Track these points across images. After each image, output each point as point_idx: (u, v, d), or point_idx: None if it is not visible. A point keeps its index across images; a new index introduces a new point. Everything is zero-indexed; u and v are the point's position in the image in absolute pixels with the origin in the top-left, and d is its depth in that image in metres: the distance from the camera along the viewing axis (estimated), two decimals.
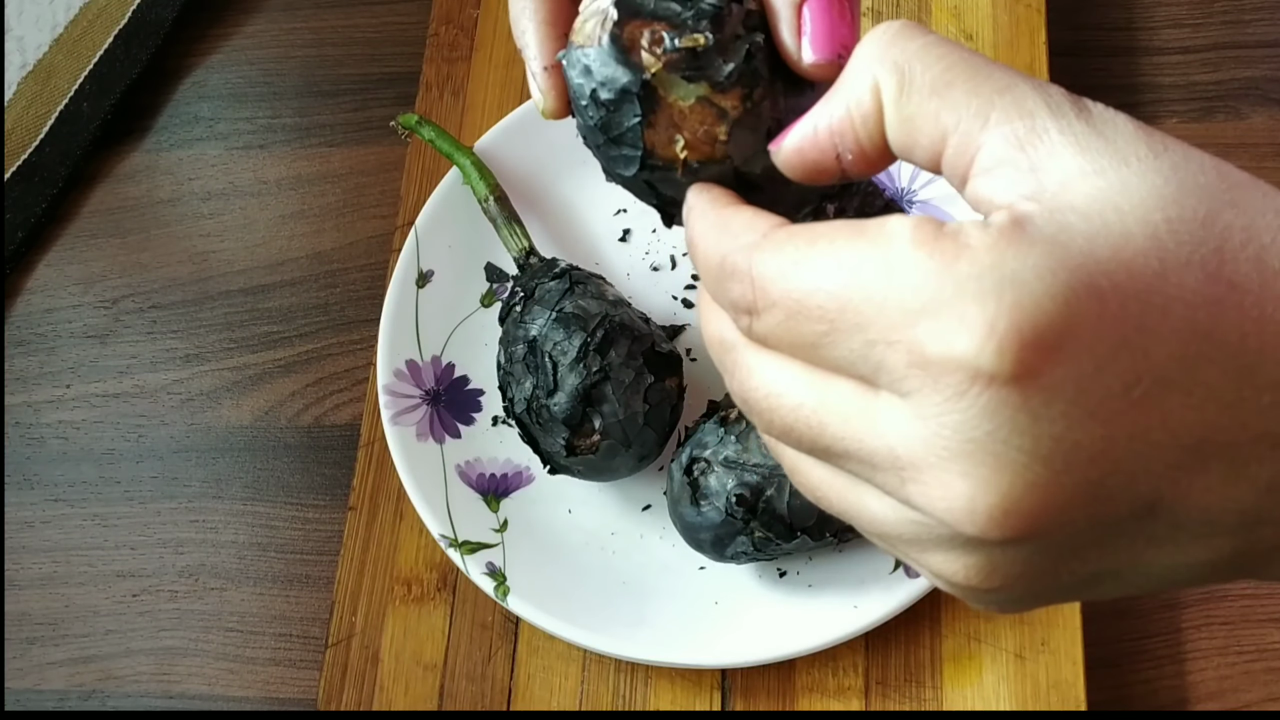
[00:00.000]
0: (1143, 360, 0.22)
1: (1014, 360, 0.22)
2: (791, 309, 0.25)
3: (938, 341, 0.23)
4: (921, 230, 0.23)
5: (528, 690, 0.53)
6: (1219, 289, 0.23)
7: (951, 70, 0.25)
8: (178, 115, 0.71)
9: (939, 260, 0.23)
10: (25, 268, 0.68)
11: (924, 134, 0.25)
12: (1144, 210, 0.23)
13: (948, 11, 0.64)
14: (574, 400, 0.50)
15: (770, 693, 0.52)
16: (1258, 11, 0.65)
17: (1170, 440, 0.23)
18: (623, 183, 0.32)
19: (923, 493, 0.24)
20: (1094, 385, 0.22)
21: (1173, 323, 0.23)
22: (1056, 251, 0.22)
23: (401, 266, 0.59)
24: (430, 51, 0.68)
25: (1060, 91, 0.25)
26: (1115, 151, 0.24)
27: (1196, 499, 0.24)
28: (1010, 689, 0.50)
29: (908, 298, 0.23)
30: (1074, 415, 0.22)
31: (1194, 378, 0.23)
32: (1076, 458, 0.23)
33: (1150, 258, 0.23)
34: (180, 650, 0.58)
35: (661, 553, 0.54)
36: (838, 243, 0.24)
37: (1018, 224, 0.23)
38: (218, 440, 0.62)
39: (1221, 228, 0.23)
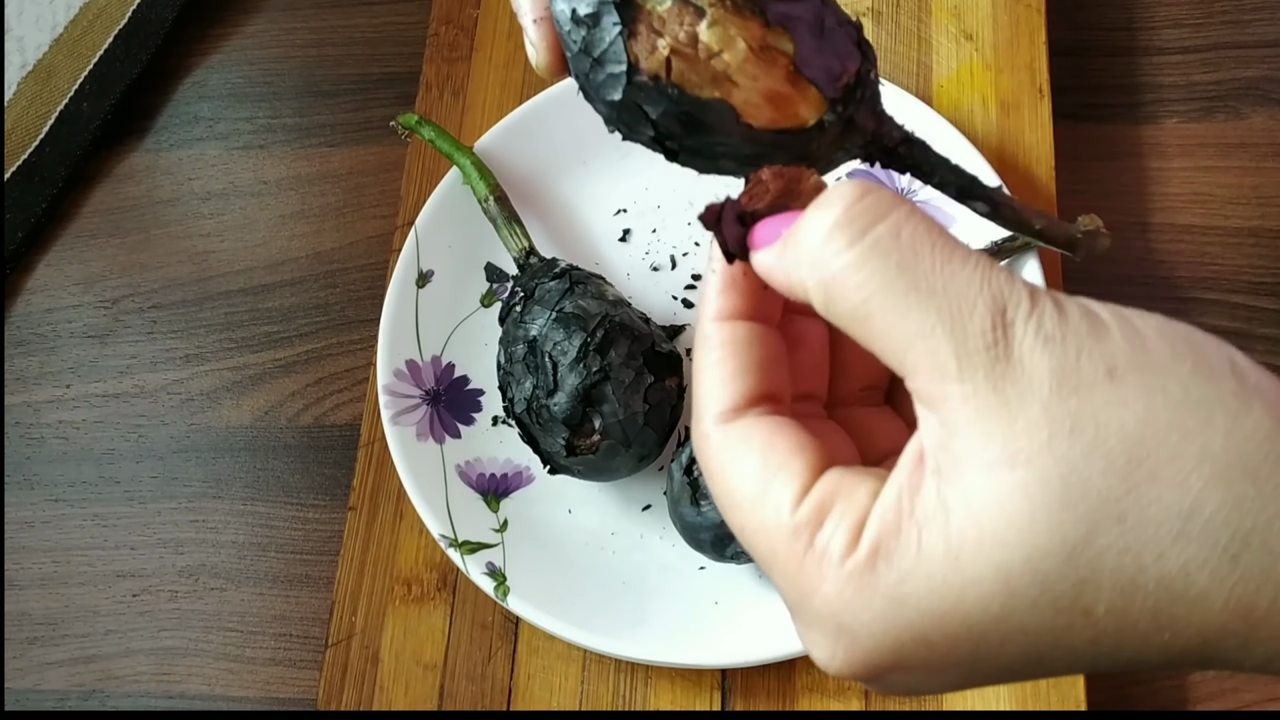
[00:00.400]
0: (977, 671, 0.25)
1: (851, 677, 0.26)
2: (724, 515, 0.29)
3: (801, 634, 0.27)
4: (797, 540, 0.26)
5: (528, 690, 0.53)
6: (1070, 618, 0.23)
7: (869, 302, 0.25)
8: (178, 115, 0.71)
9: (803, 581, 0.26)
10: (25, 268, 0.68)
11: (854, 343, 0.26)
12: (1007, 548, 0.23)
13: (948, 12, 0.64)
14: (574, 400, 0.50)
15: (770, 693, 0.52)
16: (1258, 11, 0.65)
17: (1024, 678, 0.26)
18: (616, 115, 0.32)
19: (803, 632, 0.28)
20: (930, 681, 0.26)
21: (1009, 650, 0.24)
22: (891, 611, 0.25)
23: (401, 266, 0.59)
24: (430, 51, 0.68)
25: (982, 329, 0.24)
26: (1011, 441, 0.23)
27: None
28: (1010, 689, 0.50)
29: (783, 585, 0.27)
30: (915, 688, 0.27)
31: (1038, 669, 0.25)
32: (923, 692, 0.27)
33: (992, 605, 0.24)
34: (180, 650, 0.58)
35: (661, 553, 0.54)
36: (748, 488, 0.27)
37: (871, 563, 0.25)
38: (218, 440, 0.62)
39: (1093, 555, 0.23)
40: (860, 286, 0.25)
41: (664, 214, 0.61)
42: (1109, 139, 0.63)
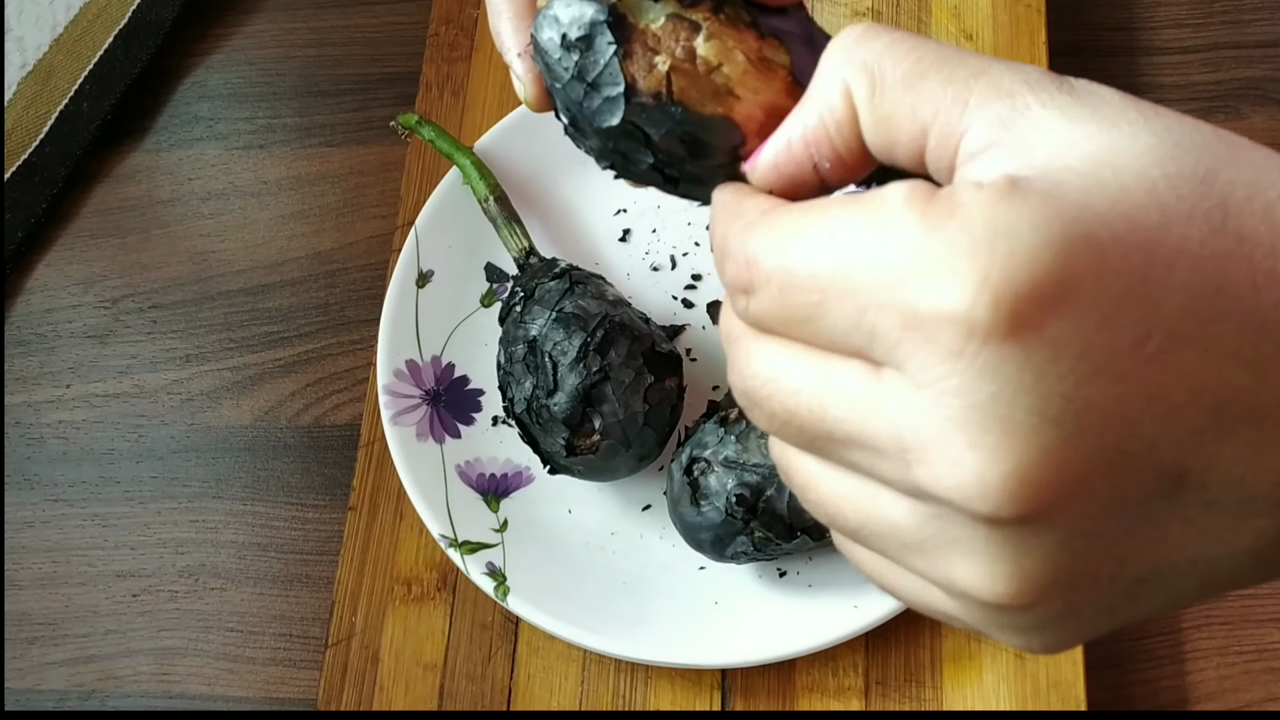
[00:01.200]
0: (1151, 314, 0.21)
1: (1011, 312, 0.21)
2: (784, 282, 0.24)
3: (929, 298, 0.21)
4: (915, 192, 0.23)
5: (528, 690, 0.53)
6: (1226, 242, 0.22)
7: (922, 62, 0.25)
8: (178, 115, 0.71)
9: (932, 219, 0.22)
10: (25, 268, 0.68)
11: (903, 130, 0.25)
12: (1140, 166, 0.22)
13: (948, 11, 0.64)
14: (574, 400, 0.50)
15: (770, 693, 0.52)
16: (1258, 11, 0.65)
17: (1190, 401, 0.22)
18: (612, 144, 0.31)
19: (930, 473, 0.22)
20: (1102, 339, 0.21)
21: (1180, 275, 0.21)
22: (1051, 203, 0.22)
23: (401, 266, 0.59)
24: (430, 51, 0.68)
25: (1038, 69, 0.24)
26: (1103, 118, 0.23)
27: (1226, 469, 0.22)
28: (1010, 689, 0.50)
29: (899, 258, 0.22)
30: (1083, 371, 0.21)
31: (1209, 334, 0.21)
32: (1090, 418, 0.21)
33: (1150, 210, 0.22)
34: (180, 650, 0.58)
35: (661, 553, 0.54)
36: (831, 211, 0.24)
37: (1012, 182, 0.22)
38: (218, 440, 0.62)
39: (1223, 183, 0.22)
40: (911, 51, 0.25)
41: (664, 214, 0.61)
42: None
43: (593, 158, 0.32)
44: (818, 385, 0.24)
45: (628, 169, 0.31)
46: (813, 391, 0.24)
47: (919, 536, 0.24)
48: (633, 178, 0.32)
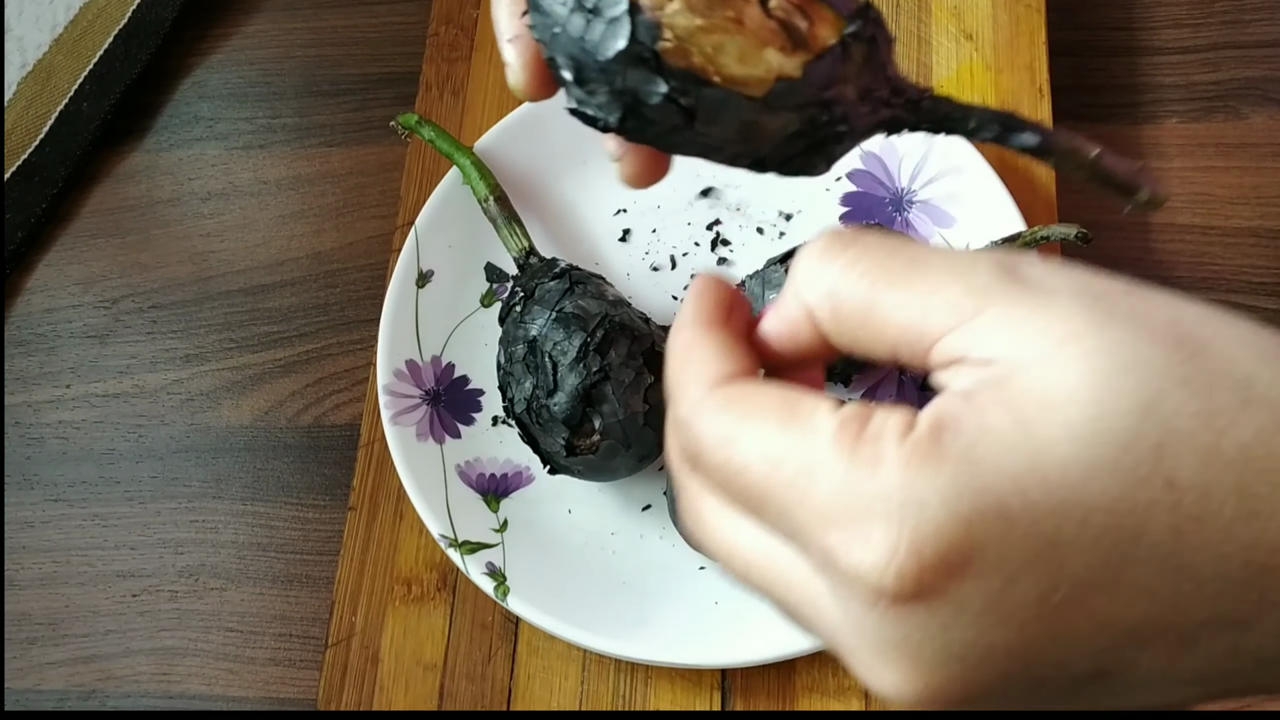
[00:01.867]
0: (1058, 571, 0.22)
1: (915, 582, 0.22)
2: (724, 479, 0.25)
3: (846, 556, 0.23)
4: (845, 431, 0.24)
5: (528, 690, 0.53)
6: (1152, 491, 0.22)
7: (876, 285, 0.25)
8: (178, 115, 0.71)
9: (854, 473, 0.23)
10: (25, 268, 0.68)
11: (871, 350, 0.26)
12: (1075, 408, 0.22)
13: (948, 11, 0.64)
14: (574, 400, 0.50)
15: (770, 693, 0.52)
16: (1258, 11, 0.65)
17: (1100, 631, 0.23)
18: (620, 79, 0.29)
19: (854, 669, 0.25)
20: (1004, 598, 0.23)
21: (1092, 531, 0.22)
22: (965, 472, 0.22)
23: (401, 266, 0.59)
24: (430, 51, 0.68)
25: (988, 269, 0.24)
26: (1050, 332, 0.23)
27: (1146, 668, 0.23)
28: None
29: (822, 503, 0.23)
30: (985, 623, 0.23)
31: (1120, 579, 0.22)
32: (992, 655, 0.23)
33: (1071, 469, 0.22)
34: (180, 650, 0.58)
35: (661, 553, 0.54)
36: (766, 426, 0.25)
37: (935, 436, 0.23)
38: (218, 440, 0.62)
39: (1166, 416, 0.22)
40: (863, 275, 0.25)
41: (664, 214, 0.61)
42: (1109, 139, 0.63)
43: (600, 122, 0.30)
44: (764, 565, 0.26)
45: (640, 114, 0.29)
46: (760, 570, 0.26)
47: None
48: (647, 127, 0.30)
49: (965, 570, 0.22)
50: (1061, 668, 0.23)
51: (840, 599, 0.24)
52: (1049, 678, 0.24)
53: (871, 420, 0.24)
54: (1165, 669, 0.23)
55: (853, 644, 0.24)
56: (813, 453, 0.24)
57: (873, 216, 0.60)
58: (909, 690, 0.24)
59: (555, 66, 0.30)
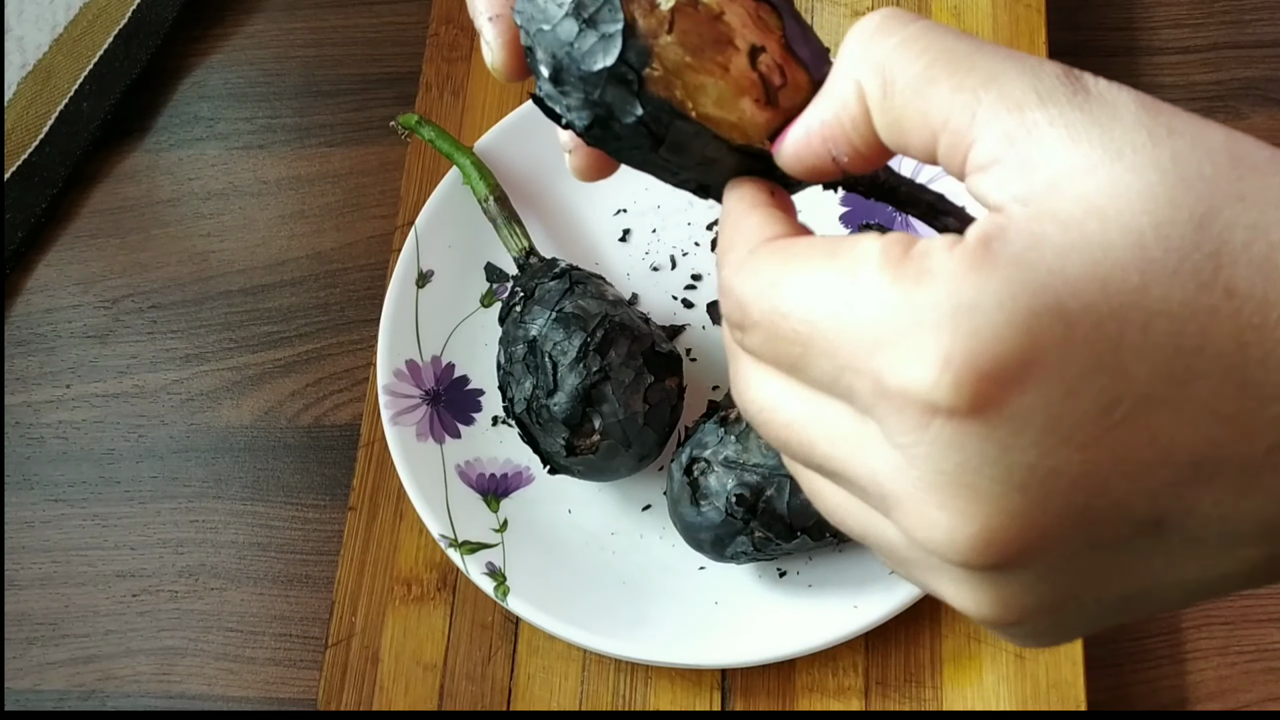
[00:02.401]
0: (1121, 381, 0.21)
1: (971, 393, 0.21)
2: (769, 331, 0.25)
3: (896, 374, 0.22)
4: (889, 253, 0.23)
5: (528, 690, 0.53)
6: (1212, 298, 0.21)
7: (933, 65, 0.24)
8: (178, 115, 0.71)
9: (901, 287, 0.22)
10: (25, 268, 0.68)
11: (913, 134, 0.25)
12: (1131, 215, 0.22)
13: (948, 11, 0.64)
14: (574, 400, 0.50)
15: (770, 693, 0.52)
16: (1258, 11, 0.65)
17: (1163, 458, 0.22)
18: (599, 94, 0.29)
19: (905, 523, 0.23)
20: (1066, 411, 0.21)
21: (1155, 338, 0.21)
22: (1019, 275, 0.21)
23: (401, 266, 0.59)
24: (430, 51, 0.68)
25: (1054, 72, 0.24)
26: (1109, 142, 0.22)
27: (1207, 512, 0.22)
28: (1010, 689, 0.50)
29: (869, 326, 0.23)
30: (1047, 443, 0.22)
31: (1185, 394, 0.21)
32: (1055, 484, 0.22)
33: (1130, 271, 0.21)
34: (180, 650, 0.58)
35: (661, 553, 0.54)
36: (811, 263, 0.24)
37: (984, 244, 0.22)
38: (218, 440, 0.62)
39: (1221, 227, 0.21)
40: (923, 52, 0.24)
41: (664, 214, 0.61)
42: None
43: (564, 121, 0.30)
44: (806, 421, 0.25)
45: (608, 127, 0.30)
46: (802, 426, 0.25)
47: (910, 556, 0.25)
48: (610, 139, 0.30)
49: (1025, 380, 0.21)
50: (1122, 508, 0.22)
51: (891, 433, 0.23)
52: (1109, 523, 0.22)
53: (917, 244, 0.23)
54: (1227, 513, 0.22)
55: (904, 490, 0.23)
56: (857, 280, 0.23)
57: (873, 216, 0.60)
58: (965, 534, 0.22)
59: (533, 58, 0.30)
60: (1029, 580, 0.23)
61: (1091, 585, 0.24)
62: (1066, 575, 0.23)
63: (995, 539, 0.22)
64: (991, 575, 0.23)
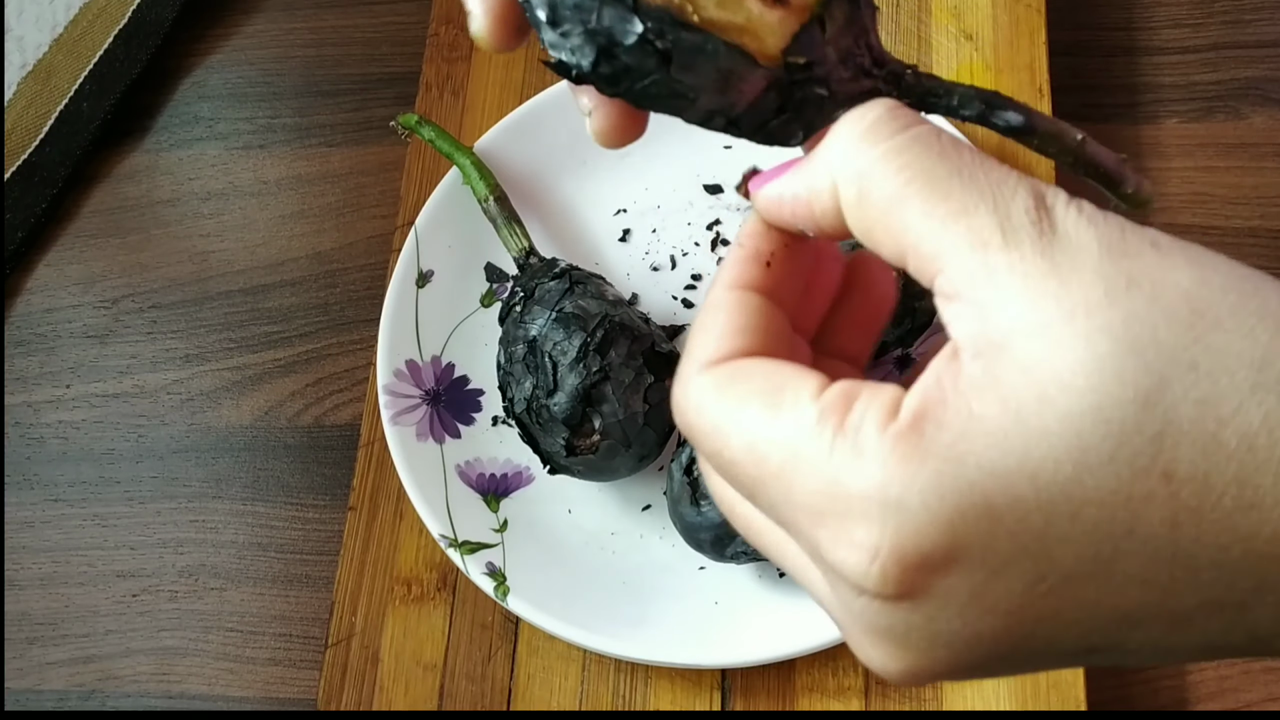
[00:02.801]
0: (1045, 563, 0.22)
1: (896, 582, 0.23)
2: (719, 468, 0.26)
3: (832, 551, 0.23)
4: (825, 423, 0.23)
5: (528, 690, 0.53)
6: (1149, 483, 0.21)
7: (910, 185, 0.24)
8: (178, 115, 0.71)
9: (836, 466, 0.23)
10: (25, 268, 0.68)
11: (884, 246, 0.25)
12: (1074, 395, 0.21)
13: (948, 12, 0.64)
14: (574, 400, 0.50)
15: (770, 693, 0.52)
16: (1258, 11, 0.65)
17: (1089, 616, 0.23)
18: (595, 25, 0.28)
19: (849, 643, 0.25)
20: (989, 590, 0.22)
21: (1082, 526, 0.22)
22: (948, 470, 0.22)
23: (401, 266, 0.59)
24: (430, 51, 0.68)
25: (1025, 207, 0.23)
26: (1065, 298, 0.22)
27: (1139, 643, 0.23)
28: (1010, 689, 0.50)
29: (807, 499, 0.24)
30: (970, 615, 0.23)
31: (1113, 570, 0.22)
32: (980, 642, 0.23)
33: (1064, 463, 0.21)
34: (180, 650, 0.58)
35: (661, 553, 0.54)
36: (751, 412, 0.25)
37: (918, 429, 0.22)
38: (218, 440, 0.62)
39: (1167, 405, 0.21)
40: (901, 169, 0.24)
41: (664, 214, 0.61)
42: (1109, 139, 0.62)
43: (572, 69, 0.29)
44: (760, 529, 0.27)
45: (613, 57, 0.28)
46: (757, 533, 0.28)
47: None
48: (621, 76, 0.28)
49: (949, 567, 0.22)
50: (1051, 645, 0.23)
51: (831, 583, 0.24)
52: (1038, 653, 0.24)
53: (853, 408, 0.23)
54: (1158, 644, 0.23)
55: (845, 622, 0.25)
56: (795, 446, 0.24)
57: None
58: (896, 670, 0.24)
59: (530, 8, 0.29)
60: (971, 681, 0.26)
61: (1028, 667, 0.25)
62: (1006, 674, 0.26)
63: (924, 675, 0.25)
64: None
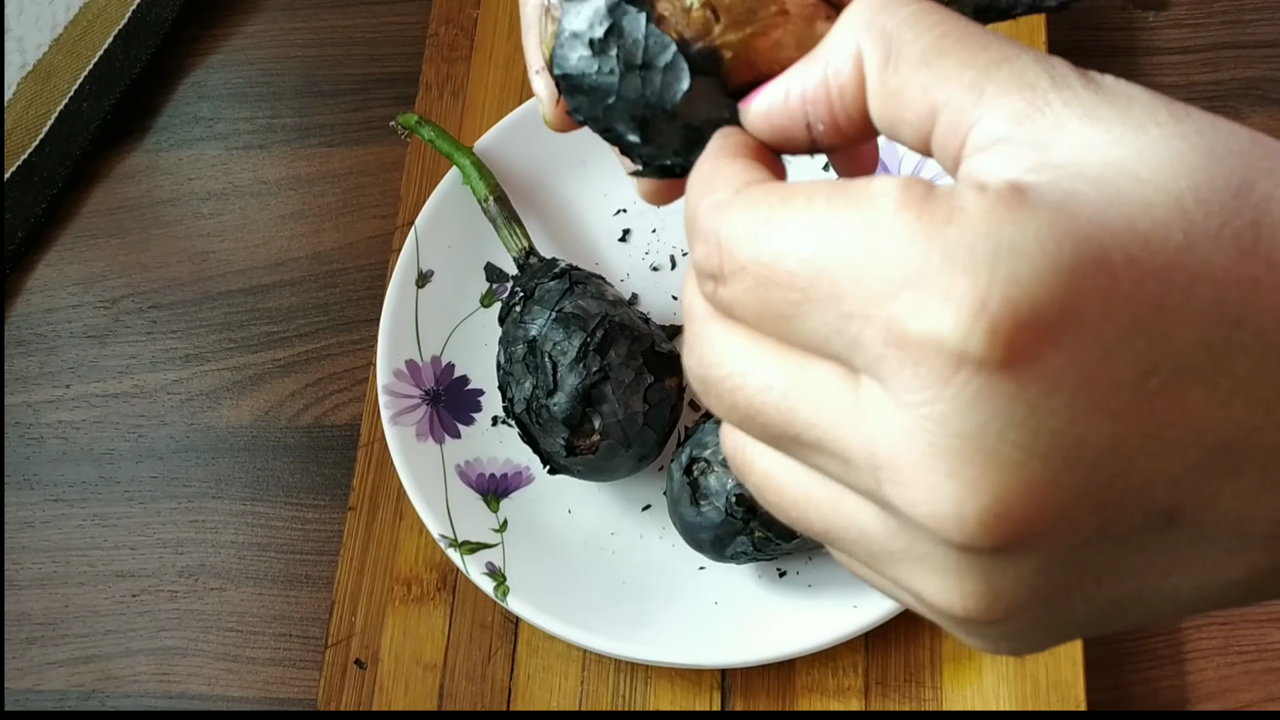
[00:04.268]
0: (1160, 346, 0.20)
1: (1007, 343, 0.19)
2: (760, 275, 0.22)
3: (920, 318, 0.20)
4: (910, 191, 0.20)
5: (527, 690, 0.53)
6: (1254, 268, 0.20)
7: (946, 39, 0.23)
8: (178, 115, 0.71)
9: (927, 224, 0.20)
10: (25, 268, 0.68)
11: (911, 109, 0.23)
12: (1167, 177, 0.20)
13: None
14: (574, 400, 0.50)
15: (770, 693, 0.52)
16: (1258, 11, 0.65)
17: (1193, 439, 0.20)
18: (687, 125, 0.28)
19: (904, 495, 0.21)
20: (1102, 373, 0.20)
21: (1197, 304, 0.20)
22: (1062, 220, 0.20)
23: (401, 266, 0.59)
24: (430, 51, 0.68)
25: (1065, 63, 0.22)
26: (1131, 119, 0.21)
27: (1225, 507, 0.21)
28: (1010, 689, 0.50)
29: (889, 266, 0.20)
30: (1078, 407, 0.20)
31: (1222, 369, 0.20)
32: (1081, 456, 0.20)
33: (1173, 229, 0.20)
34: (180, 650, 0.58)
35: (661, 553, 0.54)
36: (816, 200, 0.21)
37: (1019, 190, 0.20)
38: (218, 440, 0.62)
39: (1258, 199, 0.20)
40: (934, 25, 0.23)
41: (664, 214, 0.61)
42: None
43: (678, 169, 0.29)
44: (788, 384, 0.22)
45: (698, 143, 0.28)
46: (782, 390, 0.22)
47: (887, 547, 0.23)
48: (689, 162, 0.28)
49: (1063, 332, 0.19)
50: (1142, 493, 0.21)
51: (900, 390, 0.20)
52: (1125, 509, 0.21)
53: (936, 189, 0.21)
54: (1243, 509, 0.21)
55: (906, 457, 0.21)
56: (874, 217, 0.20)
57: None
58: (975, 506, 0.20)
59: (615, 135, 0.29)
60: (1026, 570, 0.21)
61: (1088, 582, 0.22)
62: (1066, 568, 0.22)
63: (1007, 514, 0.20)
64: (988, 561, 0.21)
